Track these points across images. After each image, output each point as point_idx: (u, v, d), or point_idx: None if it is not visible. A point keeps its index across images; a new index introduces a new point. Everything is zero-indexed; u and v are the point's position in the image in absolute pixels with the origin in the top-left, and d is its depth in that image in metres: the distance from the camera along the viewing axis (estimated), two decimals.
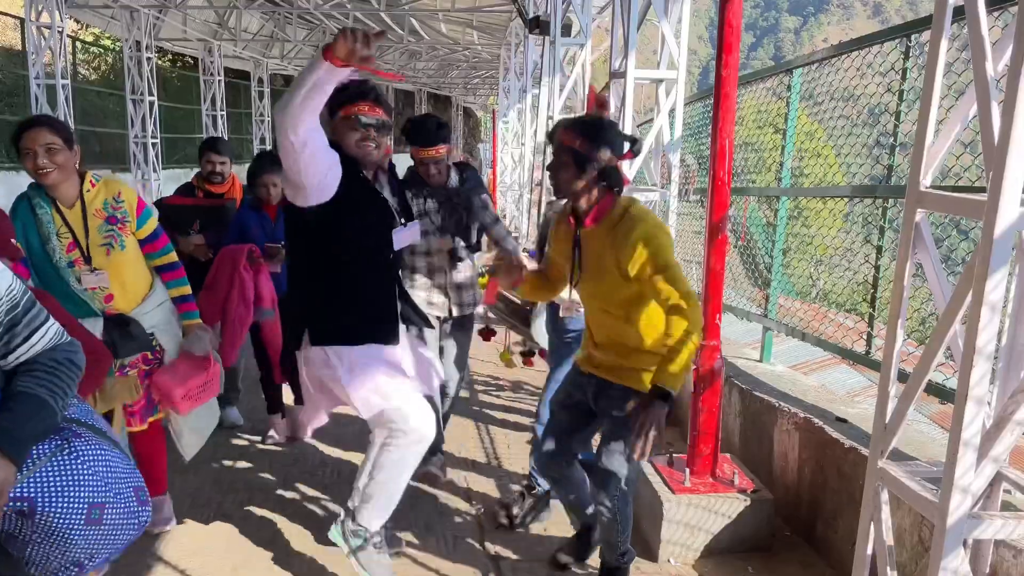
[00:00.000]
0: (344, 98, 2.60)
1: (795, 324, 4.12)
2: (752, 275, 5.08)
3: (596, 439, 2.86)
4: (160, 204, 4.53)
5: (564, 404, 2.84)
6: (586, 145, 2.46)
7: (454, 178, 3.60)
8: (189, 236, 4.26)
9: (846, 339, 3.66)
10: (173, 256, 3.11)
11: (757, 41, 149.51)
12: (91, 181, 2.92)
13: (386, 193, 2.79)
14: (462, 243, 3.64)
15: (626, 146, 2.54)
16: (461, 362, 3.84)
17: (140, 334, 2.97)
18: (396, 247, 2.78)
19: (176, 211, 4.39)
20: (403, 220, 2.84)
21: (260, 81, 18.89)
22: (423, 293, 3.59)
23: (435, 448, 3.71)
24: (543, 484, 3.45)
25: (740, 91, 4.84)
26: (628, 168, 4.42)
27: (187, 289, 3.14)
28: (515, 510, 3.44)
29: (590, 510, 2.96)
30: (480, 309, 3.97)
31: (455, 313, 3.68)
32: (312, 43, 18.91)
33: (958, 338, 1.87)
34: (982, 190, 1.73)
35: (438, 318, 3.65)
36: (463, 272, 3.67)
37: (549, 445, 2.85)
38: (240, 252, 3.94)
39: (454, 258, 3.60)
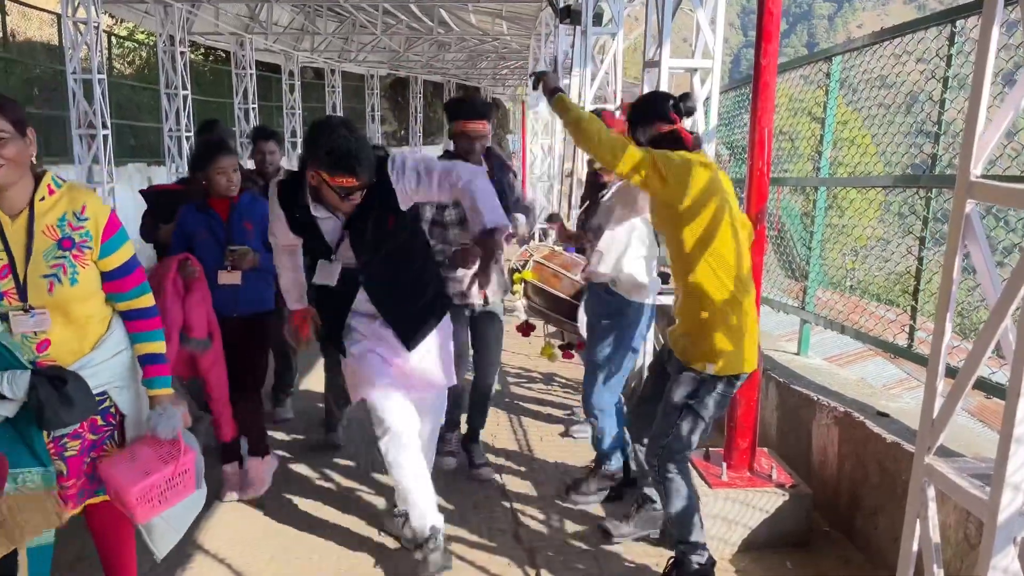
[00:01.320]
0: (325, 164, 2.53)
1: (833, 317, 4.06)
2: (786, 266, 5.01)
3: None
4: (147, 192, 4.15)
5: (652, 368, 3.06)
6: (626, 131, 2.60)
7: (483, 167, 3.56)
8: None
9: (886, 332, 3.59)
10: (147, 300, 2.30)
11: (790, 28, 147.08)
12: (49, 186, 2.13)
13: (328, 227, 2.78)
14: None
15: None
16: (492, 352, 3.85)
17: (82, 396, 2.13)
18: (314, 279, 2.87)
19: (166, 196, 3.95)
20: (333, 256, 2.81)
21: (291, 74, 19.00)
22: (457, 285, 3.58)
23: (452, 423, 3.91)
24: (614, 463, 3.58)
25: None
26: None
27: (159, 346, 2.33)
28: (585, 487, 3.58)
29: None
30: (520, 304, 3.94)
31: (488, 303, 3.69)
32: (342, 35, 18.98)
33: (1009, 333, 1.82)
34: None
35: (471, 307, 3.65)
36: (495, 276, 3.65)
37: (637, 407, 3.04)
38: (169, 266, 3.23)
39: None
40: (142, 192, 4.14)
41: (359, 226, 2.72)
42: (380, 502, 3.60)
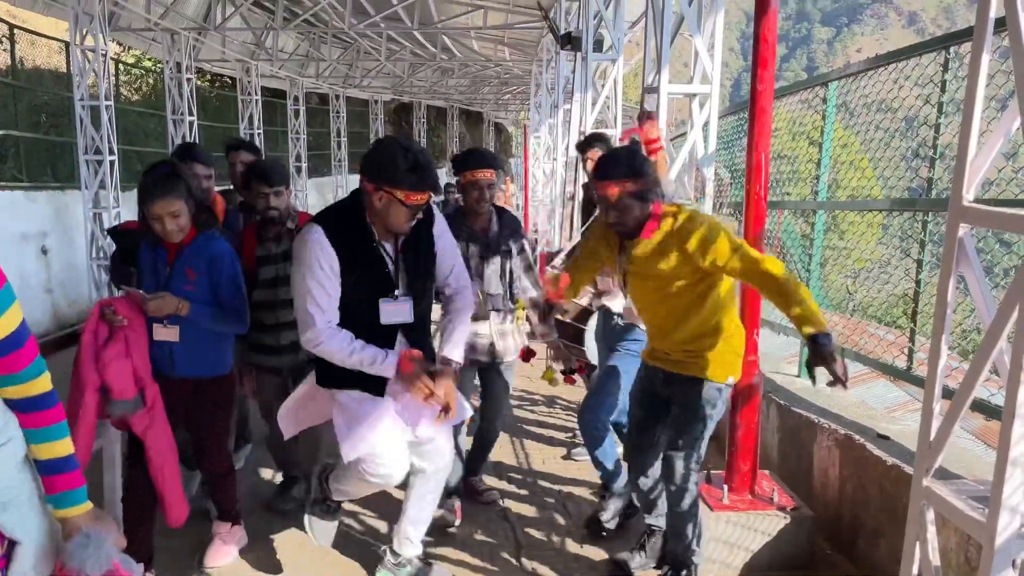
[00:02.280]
0: (406, 183, 2.47)
1: (833, 338, 4.06)
2: None
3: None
4: (113, 231, 3.83)
5: (640, 399, 2.99)
6: (640, 181, 2.59)
7: (494, 224, 3.58)
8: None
9: (886, 354, 3.60)
10: (44, 383, 1.67)
11: (790, 52, 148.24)
12: None
13: (389, 261, 2.69)
14: (499, 291, 3.58)
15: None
16: (502, 405, 3.83)
17: None
18: (382, 319, 2.66)
19: (127, 237, 3.43)
20: (397, 291, 2.69)
21: (296, 100, 19.18)
22: (469, 338, 3.49)
23: (452, 491, 3.57)
24: (618, 486, 3.53)
25: (774, 103, 4.81)
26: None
27: (65, 446, 1.70)
28: (605, 515, 3.48)
29: (658, 512, 3.10)
30: (523, 331, 3.92)
31: (496, 359, 3.64)
32: (346, 61, 19.18)
33: (1004, 355, 1.83)
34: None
35: (480, 361, 3.62)
36: (505, 321, 3.64)
37: (635, 439, 3.02)
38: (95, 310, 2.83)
39: (493, 307, 3.57)
40: (109, 231, 3.90)
41: (411, 255, 2.71)
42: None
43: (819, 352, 2.35)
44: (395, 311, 2.67)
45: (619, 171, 2.60)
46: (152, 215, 2.83)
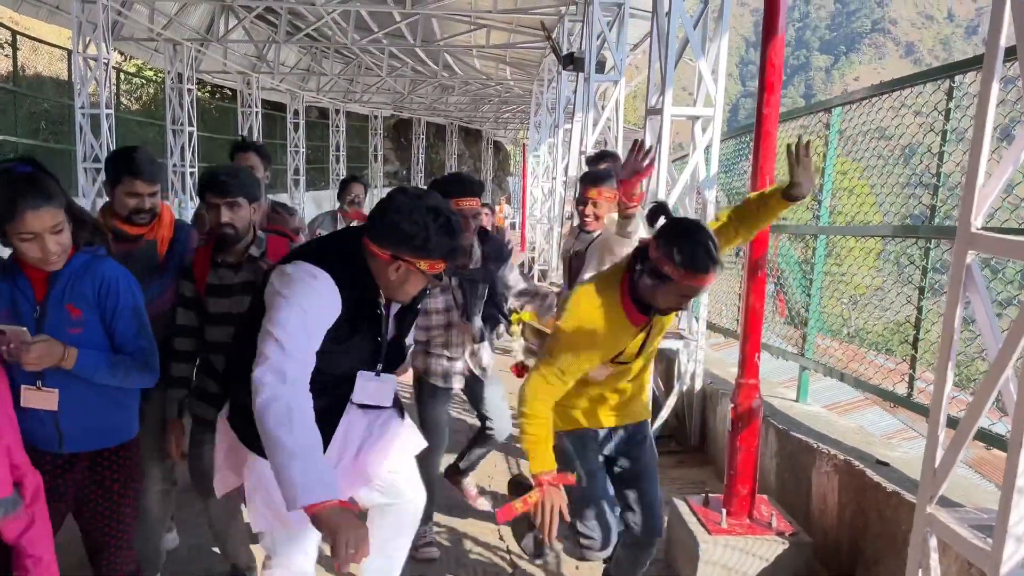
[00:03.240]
0: (438, 251, 2.06)
1: (832, 364, 4.07)
2: (791, 315, 5.02)
3: None
4: None
5: (596, 470, 2.66)
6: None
7: (476, 253, 3.41)
8: None
9: (885, 381, 3.60)
10: None
11: (788, 79, 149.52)
12: None
13: (386, 331, 2.29)
14: (480, 324, 3.46)
15: None
16: (497, 407, 3.75)
17: None
18: (355, 397, 2.25)
19: None
20: (380, 367, 2.28)
21: (296, 113, 19.24)
22: (444, 364, 3.46)
23: (427, 516, 3.39)
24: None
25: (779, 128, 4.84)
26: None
27: None
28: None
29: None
30: (518, 345, 3.92)
31: (478, 374, 3.59)
32: (347, 76, 19.26)
33: (1010, 384, 1.83)
34: None
35: (452, 388, 3.54)
36: (486, 353, 3.58)
37: (609, 505, 2.64)
38: None
39: (477, 339, 3.49)
40: None
41: (399, 323, 2.34)
42: None
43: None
44: (373, 390, 2.26)
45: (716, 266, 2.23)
46: (22, 232, 2.01)
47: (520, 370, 4.43)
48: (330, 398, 2.16)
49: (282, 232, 3.01)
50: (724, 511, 3.24)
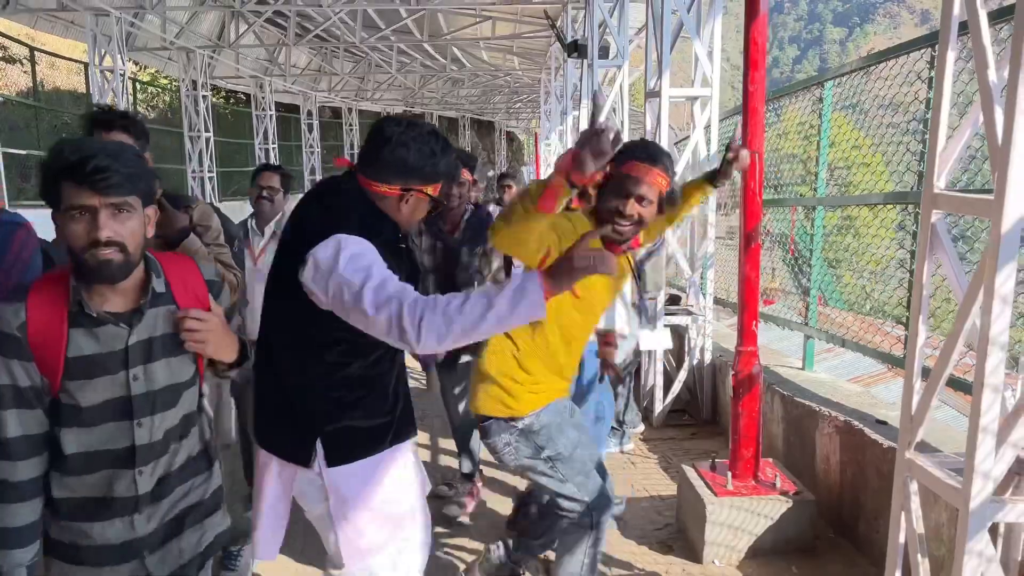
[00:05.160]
0: (444, 171, 2.02)
1: (835, 332, 4.18)
2: (800, 288, 5.10)
3: None
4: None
5: (576, 437, 2.58)
6: (671, 184, 2.33)
7: (463, 225, 3.60)
8: None
9: (895, 348, 3.68)
10: None
11: (802, 54, 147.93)
12: None
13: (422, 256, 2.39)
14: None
15: None
16: (460, 400, 3.78)
17: None
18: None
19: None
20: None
21: (309, 114, 19.48)
22: None
23: (466, 475, 3.88)
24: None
25: (784, 104, 4.91)
26: None
27: None
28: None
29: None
30: None
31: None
32: (358, 75, 19.45)
33: (976, 329, 1.96)
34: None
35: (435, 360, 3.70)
36: None
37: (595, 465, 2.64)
38: None
39: None
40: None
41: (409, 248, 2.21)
42: None
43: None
44: None
45: (668, 162, 2.32)
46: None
47: None
48: (389, 356, 2.04)
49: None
50: (730, 474, 3.38)
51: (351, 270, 1.76)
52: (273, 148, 16.95)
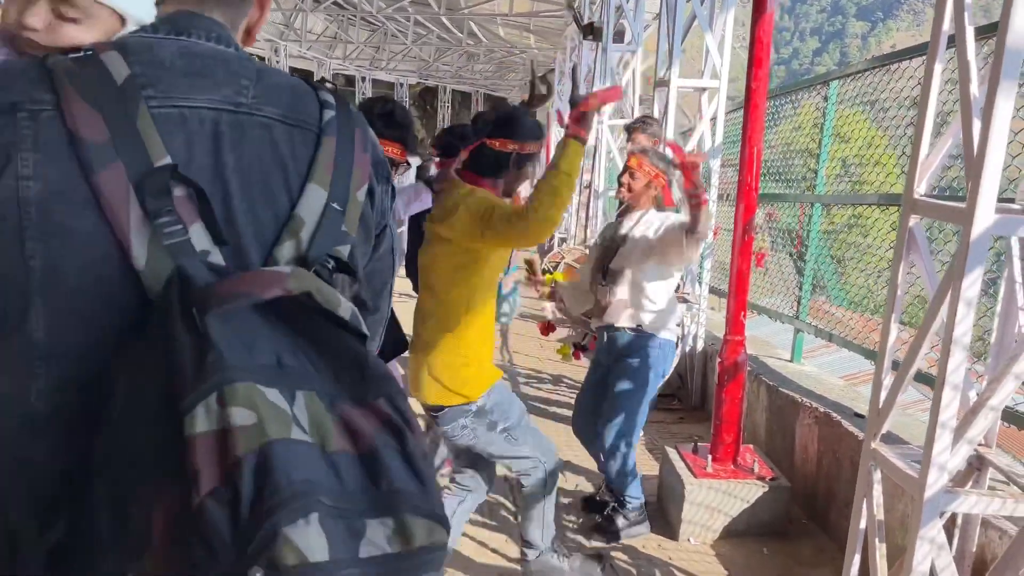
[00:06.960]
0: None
1: (825, 328, 4.29)
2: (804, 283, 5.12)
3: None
4: None
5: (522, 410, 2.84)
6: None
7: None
8: None
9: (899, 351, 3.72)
10: None
11: (823, 46, 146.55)
12: None
13: None
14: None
15: None
16: None
17: None
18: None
19: None
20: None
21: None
22: None
23: None
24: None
25: (801, 98, 4.93)
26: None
27: None
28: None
29: None
30: (549, 305, 4.01)
31: None
32: (373, 44, 19.43)
33: (941, 330, 2.06)
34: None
35: None
36: None
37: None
38: None
39: None
40: None
41: None
42: None
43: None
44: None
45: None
46: None
47: (546, 328, 4.41)
48: None
49: None
50: (710, 457, 3.51)
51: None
52: None
